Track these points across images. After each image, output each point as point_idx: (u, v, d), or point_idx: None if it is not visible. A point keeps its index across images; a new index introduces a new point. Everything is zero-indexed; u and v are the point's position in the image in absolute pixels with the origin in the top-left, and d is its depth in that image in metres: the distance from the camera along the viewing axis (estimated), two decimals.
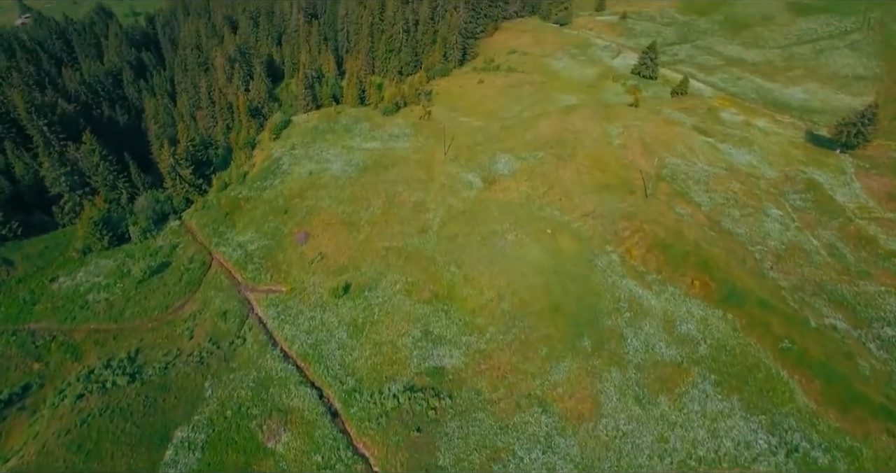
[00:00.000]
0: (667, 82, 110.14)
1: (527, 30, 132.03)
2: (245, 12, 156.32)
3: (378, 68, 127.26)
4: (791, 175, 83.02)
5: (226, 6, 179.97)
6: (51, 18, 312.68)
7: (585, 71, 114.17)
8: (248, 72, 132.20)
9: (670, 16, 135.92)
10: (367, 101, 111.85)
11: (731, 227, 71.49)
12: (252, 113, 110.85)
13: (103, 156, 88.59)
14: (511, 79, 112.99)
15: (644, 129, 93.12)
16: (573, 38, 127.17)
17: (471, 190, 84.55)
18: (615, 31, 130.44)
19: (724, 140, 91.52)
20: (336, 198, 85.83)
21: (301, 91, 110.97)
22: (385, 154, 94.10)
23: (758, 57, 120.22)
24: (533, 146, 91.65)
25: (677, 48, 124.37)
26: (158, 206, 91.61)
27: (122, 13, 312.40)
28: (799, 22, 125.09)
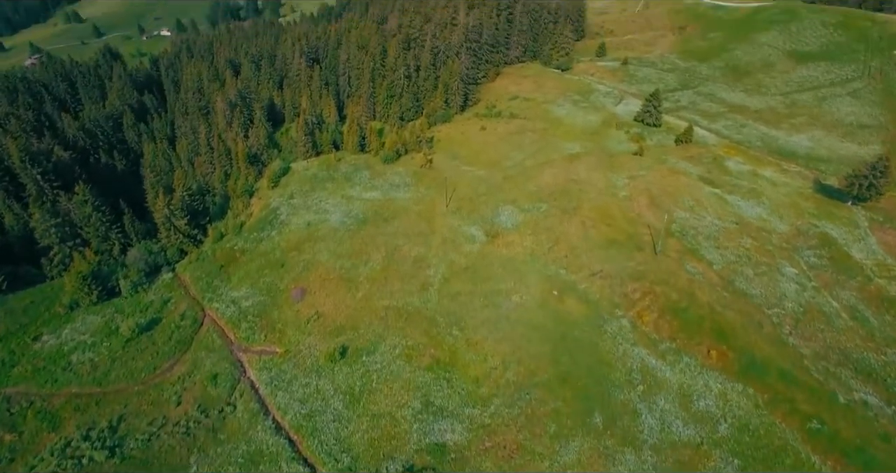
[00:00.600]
0: (671, 130, 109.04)
1: (528, 75, 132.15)
2: (247, 56, 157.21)
3: (379, 113, 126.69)
4: (803, 229, 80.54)
5: (229, 49, 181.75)
6: (59, 59, 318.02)
7: (588, 117, 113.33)
8: (248, 116, 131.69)
9: (671, 62, 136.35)
10: (368, 148, 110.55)
11: (745, 288, 68.52)
12: (251, 160, 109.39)
13: (96, 206, 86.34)
14: (513, 126, 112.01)
15: (650, 180, 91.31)
16: (575, 84, 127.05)
17: (473, 244, 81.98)
18: (617, 77, 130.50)
19: (732, 191, 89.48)
20: (334, 251, 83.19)
21: (301, 137, 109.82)
22: (385, 205, 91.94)
23: (760, 104, 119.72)
24: (536, 197, 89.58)
25: (679, 94, 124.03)
26: (151, 258, 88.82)
27: (129, 53, 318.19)
28: (799, 69, 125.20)
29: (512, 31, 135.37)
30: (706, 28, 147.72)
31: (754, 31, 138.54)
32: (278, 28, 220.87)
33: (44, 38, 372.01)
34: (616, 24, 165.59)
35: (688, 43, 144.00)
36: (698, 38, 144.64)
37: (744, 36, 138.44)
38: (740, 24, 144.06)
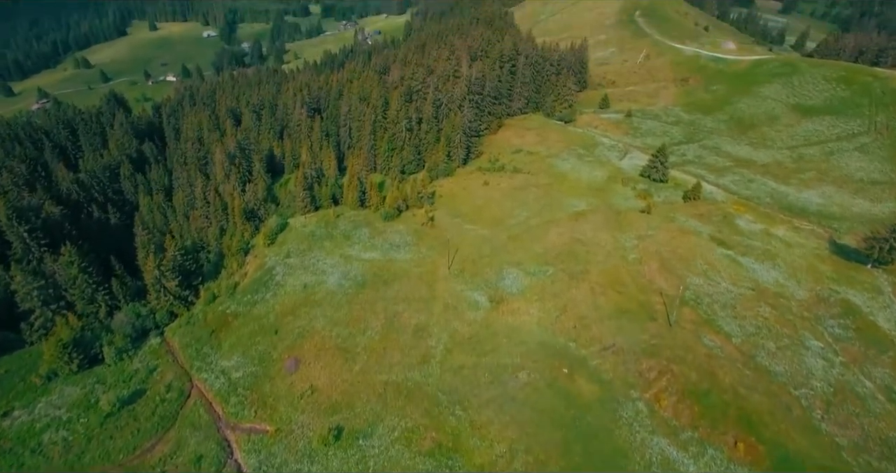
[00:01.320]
0: (678, 185, 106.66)
1: (531, 127, 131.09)
2: (248, 105, 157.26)
3: (380, 166, 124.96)
4: (823, 296, 76.59)
5: (231, 97, 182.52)
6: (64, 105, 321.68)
7: (593, 172, 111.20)
8: (247, 167, 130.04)
9: (675, 114, 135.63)
10: (368, 203, 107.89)
11: (768, 364, 64.02)
12: (247, 215, 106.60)
13: (83, 267, 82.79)
14: (517, 182, 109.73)
15: (660, 241, 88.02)
16: (579, 137, 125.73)
17: (477, 311, 77.95)
18: (621, 130, 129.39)
19: (745, 253, 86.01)
20: (331, 318, 79.10)
21: (300, 192, 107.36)
22: (385, 266, 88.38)
23: (767, 157, 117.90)
24: (542, 259, 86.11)
25: (685, 148, 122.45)
26: (139, 322, 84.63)
27: (134, 98, 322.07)
28: (804, 123, 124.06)
29: (514, 83, 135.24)
30: (708, 80, 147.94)
31: (756, 84, 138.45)
32: (281, 76, 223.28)
33: (52, 83, 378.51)
34: (618, 75, 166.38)
35: (691, 95, 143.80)
36: (701, 91, 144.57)
37: (746, 89, 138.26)
38: (742, 77, 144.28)
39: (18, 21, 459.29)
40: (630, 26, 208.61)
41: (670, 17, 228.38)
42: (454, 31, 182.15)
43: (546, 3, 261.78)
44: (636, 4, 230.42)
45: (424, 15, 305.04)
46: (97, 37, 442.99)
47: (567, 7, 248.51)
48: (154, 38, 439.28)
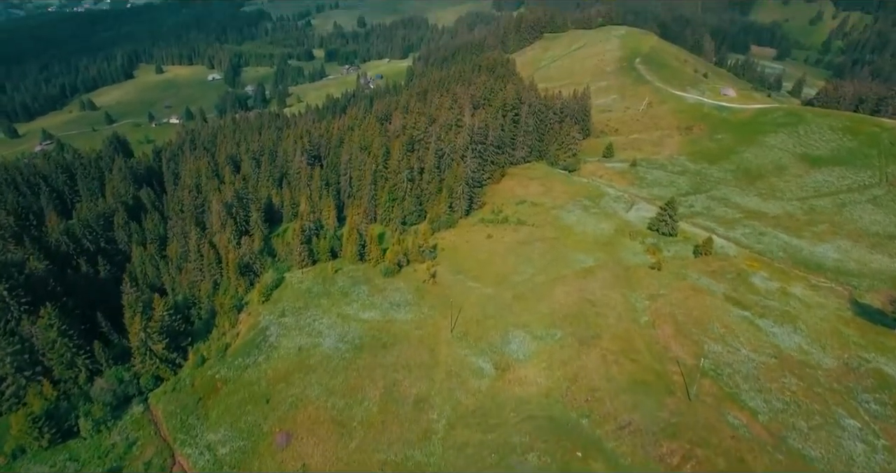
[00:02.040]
0: (687, 239, 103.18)
1: (535, 177, 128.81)
2: (248, 152, 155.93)
3: (380, 216, 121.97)
4: (853, 365, 71.72)
5: (231, 143, 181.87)
6: (68, 145, 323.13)
7: (600, 225, 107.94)
8: (244, 217, 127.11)
9: (681, 164, 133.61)
10: (367, 257, 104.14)
11: (801, 448, 58.68)
12: (242, 270, 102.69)
13: (62, 331, 78.26)
14: (521, 235, 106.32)
15: (673, 302, 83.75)
16: (584, 187, 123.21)
17: (481, 379, 73.00)
18: (626, 180, 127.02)
19: (763, 314, 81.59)
20: (326, 386, 74.09)
21: (297, 246, 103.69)
22: (384, 327, 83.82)
23: (777, 209, 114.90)
24: (549, 321, 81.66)
25: (692, 199, 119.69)
26: (121, 388, 79.53)
27: (137, 140, 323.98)
28: (813, 173, 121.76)
29: (518, 132, 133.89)
30: (713, 129, 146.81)
31: (762, 134, 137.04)
32: (282, 121, 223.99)
33: (57, 125, 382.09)
34: (620, 122, 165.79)
35: (696, 144, 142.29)
36: (706, 139, 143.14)
37: (752, 138, 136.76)
38: (747, 126, 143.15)
39: (30, 65, 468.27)
40: (631, 73, 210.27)
41: (670, 64, 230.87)
42: (456, 78, 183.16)
43: (547, 49, 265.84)
44: (636, 52, 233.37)
45: (426, 60, 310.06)
46: (105, 79, 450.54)
47: (568, 54, 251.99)
48: (160, 80, 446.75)
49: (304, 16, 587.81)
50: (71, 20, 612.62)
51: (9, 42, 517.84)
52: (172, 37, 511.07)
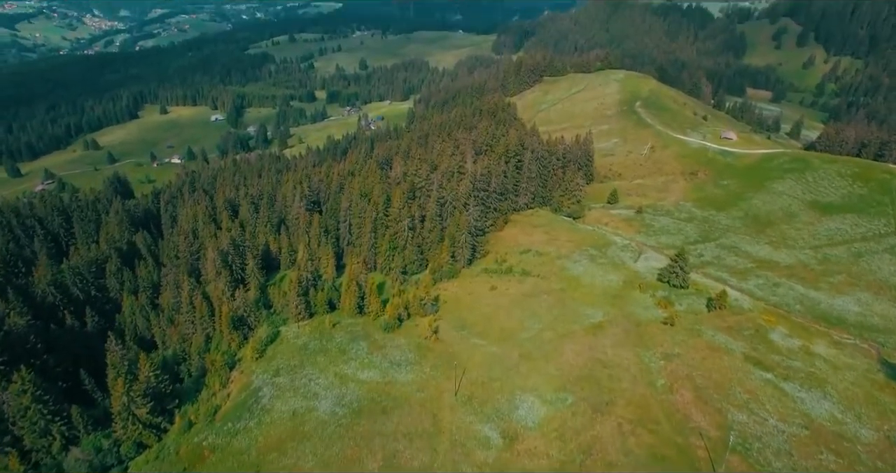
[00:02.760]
0: (699, 291, 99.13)
1: (539, 224, 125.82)
2: (247, 197, 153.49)
3: (381, 265, 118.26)
4: (895, 439, 66.37)
5: (230, 186, 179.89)
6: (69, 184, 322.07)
7: (608, 277, 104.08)
8: (240, 265, 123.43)
9: (688, 210, 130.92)
10: (367, 310, 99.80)
11: None
12: (235, 324, 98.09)
13: (37, 396, 73.01)
14: (526, 287, 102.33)
15: (689, 362, 79.03)
16: (589, 236, 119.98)
17: (488, 449, 67.56)
18: (633, 227, 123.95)
19: (788, 376, 76.74)
20: (322, 457, 68.64)
21: (294, 298, 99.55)
22: (384, 389, 78.73)
23: (790, 258, 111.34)
24: (559, 383, 76.74)
25: (701, 247, 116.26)
26: (99, 457, 73.84)
27: (138, 179, 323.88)
28: (825, 221, 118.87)
29: (521, 178, 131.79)
30: (718, 174, 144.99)
31: (769, 180, 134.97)
32: (283, 163, 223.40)
33: (60, 164, 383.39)
34: (623, 167, 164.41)
35: (702, 190, 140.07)
36: (712, 185, 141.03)
37: (759, 184, 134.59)
38: (753, 172, 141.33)
39: (38, 105, 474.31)
40: (632, 117, 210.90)
41: (669, 107, 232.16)
42: (457, 122, 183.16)
43: (547, 92, 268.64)
44: (636, 95, 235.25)
45: (427, 103, 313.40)
46: (110, 120, 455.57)
47: (568, 97, 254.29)
48: (163, 121, 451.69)
49: (307, 58, 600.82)
50: (80, 63, 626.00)
51: (21, 84, 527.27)
52: (178, 78, 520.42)
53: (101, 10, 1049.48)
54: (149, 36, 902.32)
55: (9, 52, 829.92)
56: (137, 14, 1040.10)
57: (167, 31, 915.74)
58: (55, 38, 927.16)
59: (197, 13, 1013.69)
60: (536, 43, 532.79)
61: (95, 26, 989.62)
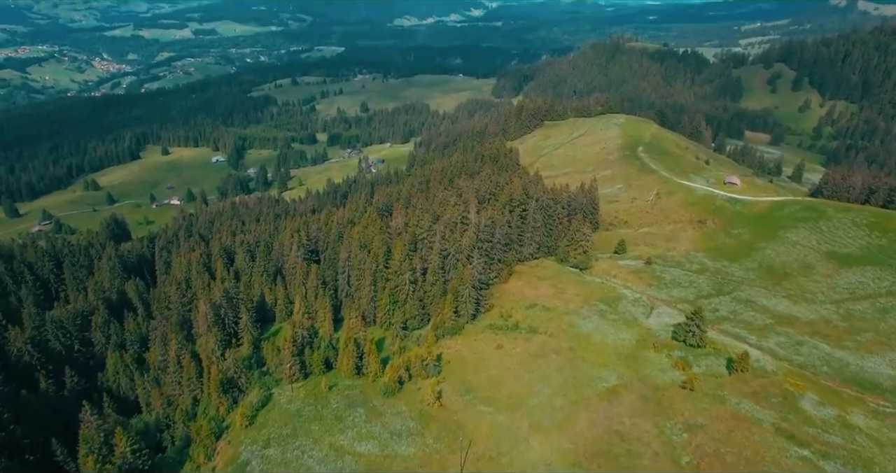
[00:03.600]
0: (718, 351, 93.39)
1: (545, 276, 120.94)
2: (244, 244, 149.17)
3: (380, 320, 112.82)
4: None
5: (227, 233, 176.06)
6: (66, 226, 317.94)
7: (620, 334, 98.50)
8: (234, 319, 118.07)
9: (699, 261, 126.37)
10: (365, 371, 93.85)
11: None
12: (224, 386, 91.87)
13: None
14: (534, 345, 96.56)
15: (715, 436, 72.70)
16: (598, 289, 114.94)
17: None
18: (642, 280, 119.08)
19: (826, 454, 70.23)
20: None
21: (288, 358, 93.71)
22: (383, 464, 72.27)
23: (810, 314, 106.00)
24: (574, 459, 70.28)
25: (716, 301, 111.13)
26: None
27: (136, 221, 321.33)
28: (844, 273, 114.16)
29: (525, 228, 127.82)
30: (728, 223, 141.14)
31: (782, 229, 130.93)
32: (282, 207, 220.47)
33: (59, 204, 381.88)
34: (629, 214, 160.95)
35: (712, 239, 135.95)
36: (722, 234, 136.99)
37: (771, 233, 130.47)
38: (764, 220, 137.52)
39: (41, 146, 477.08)
40: (635, 162, 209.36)
41: (672, 152, 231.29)
42: (459, 168, 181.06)
43: (548, 136, 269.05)
44: (637, 140, 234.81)
45: (427, 146, 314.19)
46: (111, 160, 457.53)
47: (570, 141, 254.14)
48: (164, 161, 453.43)
49: (308, 101, 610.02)
50: (86, 104, 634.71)
51: (26, 125, 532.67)
52: (180, 120, 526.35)
53: (110, 53, 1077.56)
54: (155, 78, 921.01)
55: (18, 94, 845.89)
56: (145, 57, 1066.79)
57: (172, 74, 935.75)
58: (64, 79, 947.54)
59: (202, 57, 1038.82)
60: (536, 87, 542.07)
61: (104, 69, 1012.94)
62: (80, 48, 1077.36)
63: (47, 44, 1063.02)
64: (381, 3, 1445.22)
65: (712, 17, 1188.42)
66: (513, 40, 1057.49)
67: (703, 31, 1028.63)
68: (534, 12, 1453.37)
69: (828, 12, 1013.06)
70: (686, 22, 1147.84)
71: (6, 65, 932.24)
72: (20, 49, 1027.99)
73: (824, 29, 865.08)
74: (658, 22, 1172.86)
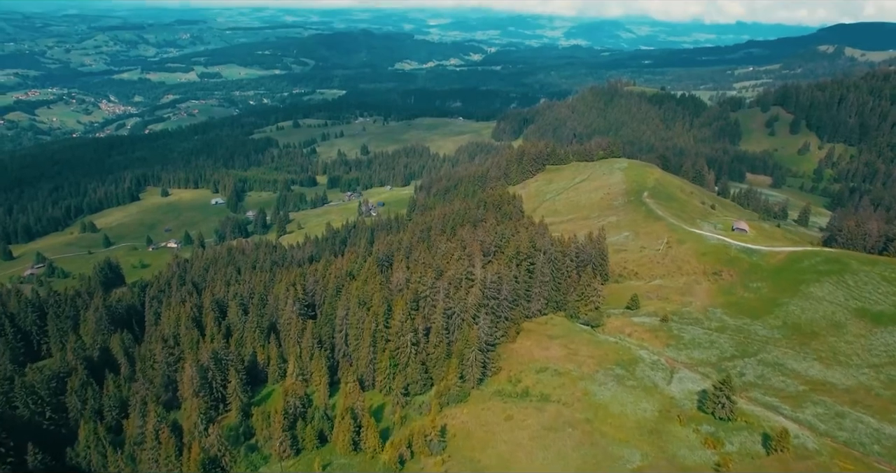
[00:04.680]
0: (750, 425, 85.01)
1: (555, 335, 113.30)
2: (237, 296, 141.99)
3: (380, 384, 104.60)
4: None
5: (220, 282, 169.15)
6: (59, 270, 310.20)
7: (640, 404, 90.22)
8: (222, 382, 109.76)
9: (718, 318, 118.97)
10: (363, 445, 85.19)
11: None
12: (207, 467, 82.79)
13: None
14: (547, 416, 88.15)
15: None
16: (613, 349, 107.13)
17: None
18: (659, 339, 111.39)
19: None
20: None
21: (278, 432, 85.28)
22: None
23: (847, 379, 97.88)
24: None
25: (741, 364, 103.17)
26: None
27: (131, 265, 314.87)
28: (879, 334, 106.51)
29: (533, 283, 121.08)
30: (745, 275, 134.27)
31: (804, 283, 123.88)
32: (279, 254, 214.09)
33: (55, 247, 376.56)
34: (638, 265, 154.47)
35: (730, 293, 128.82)
36: (740, 288, 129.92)
37: (794, 288, 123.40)
38: (784, 273, 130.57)
39: (42, 187, 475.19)
40: (640, 208, 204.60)
41: (677, 197, 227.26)
42: (462, 216, 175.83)
43: (550, 181, 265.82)
44: (642, 185, 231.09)
45: (428, 190, 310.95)
46: (111, 202, 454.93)
47: (573, 186, 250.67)
48: (163, 203, 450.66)
49: (309, 143, 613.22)
50: (90, 145, 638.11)
51: (29, 165, 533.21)
52: (181, 161, 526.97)
53: (117, 95, 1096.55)
54: (159, 120, 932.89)
55: (25, 135, 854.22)
56: (150, 99, 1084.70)
57: (176, 115, 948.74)
58: (71, 121, 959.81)
59: (206, 99, 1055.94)
60: (536, 130, 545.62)
61: (110, 111, 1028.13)
62: (88, 91, 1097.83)
63: (57, 87, 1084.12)
64: (382, 48, 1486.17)
65: (705, 61, 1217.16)
66: (511, 84, 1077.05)
67: (697, 75, 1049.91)
68: (531, 57, 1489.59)
69: (817, 58, 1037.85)
70: (680, 66, 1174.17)
71: (16, 107, 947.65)
72: (30, 92, 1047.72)
73: (815, 73, 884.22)
74: (653, 66, 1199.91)
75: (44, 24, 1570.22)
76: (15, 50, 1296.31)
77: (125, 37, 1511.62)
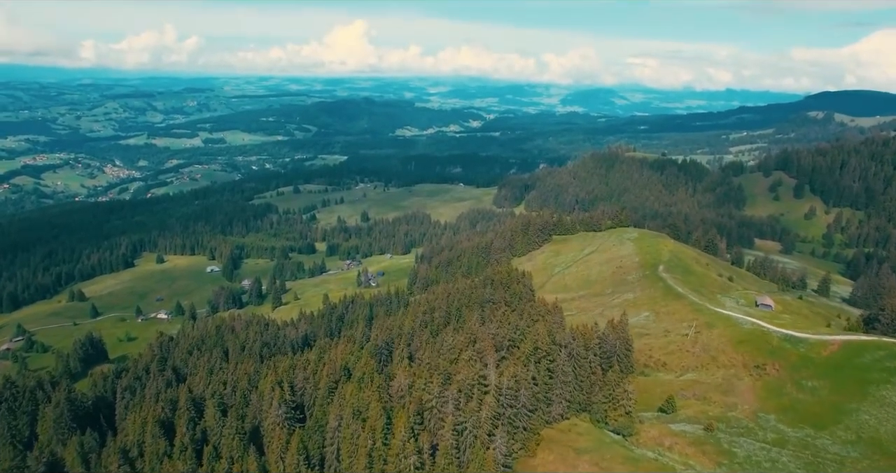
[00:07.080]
0: None
1: (583, 449, 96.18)
2: (215, 395, 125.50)
3: None
4: None
5: (203, 371, 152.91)
6: (38, 344, 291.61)
7: None
8: None
9: (774, 427, 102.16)
10: None
11: None
12: None
13: None
14: None
15: None
16: (653, 469, 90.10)
17: None
18: (707, 456, 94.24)
19: None
20: None
21: None
22: None
23: None
24: None
25: None
26: None
27: (117, 338, 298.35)
28: None
29: (554, 384, 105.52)
30: (794, 371, 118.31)
31: (872, 384, 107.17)
32: (271, 334, 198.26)
33: (39, 317, 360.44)
34: (665, 352, 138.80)
35: (780, 394, 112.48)
36: (792, 387, 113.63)
37: (860, 390, 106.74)
38: (843, 371, 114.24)
39: (36, 252, 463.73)
40: (657, 283, 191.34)
41: (694, 270, 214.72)
42: (467, 296, 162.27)
43: (558, 253, 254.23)
44: (656, 257, 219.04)
45: (429, 261, 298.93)
46: (104, 268, 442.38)
47: (582, 259, 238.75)
48: (157, 270, 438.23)
49: (309, 209, 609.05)
50: (90, 209, 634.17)
51: (27, 229, 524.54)
52: (179, 227, 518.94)
53: (122, 160, 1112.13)
54: (162, 184, 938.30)
55: (28, 199, 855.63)
56: (154, 164, 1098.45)
57: (179, 180, 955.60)
58: (75, 185, 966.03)
59: (209, 164, 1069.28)
60: (537, 196, 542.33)
61: (114, 175, 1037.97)
62: (94, 155, 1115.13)
63: (65, 152, 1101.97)
64: (383, 114, 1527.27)
65: (700, 126, 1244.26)
66: (511, 149, 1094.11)
67: (692, 140, 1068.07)
68: (529, 123, 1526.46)
69: (808, 123, 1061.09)
70: (675, 131, 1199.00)
71: (23, 171, 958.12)
72: (38, 157, 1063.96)
73: (808, 138, 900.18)
74: (649, 131, 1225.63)
75: (58, 92, 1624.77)
76: (28, 117, 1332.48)
77: (134, 104, 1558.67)
